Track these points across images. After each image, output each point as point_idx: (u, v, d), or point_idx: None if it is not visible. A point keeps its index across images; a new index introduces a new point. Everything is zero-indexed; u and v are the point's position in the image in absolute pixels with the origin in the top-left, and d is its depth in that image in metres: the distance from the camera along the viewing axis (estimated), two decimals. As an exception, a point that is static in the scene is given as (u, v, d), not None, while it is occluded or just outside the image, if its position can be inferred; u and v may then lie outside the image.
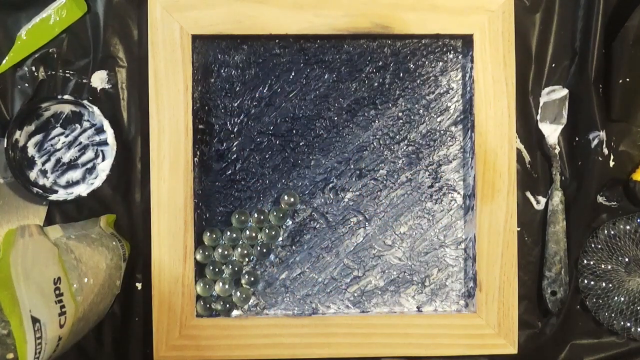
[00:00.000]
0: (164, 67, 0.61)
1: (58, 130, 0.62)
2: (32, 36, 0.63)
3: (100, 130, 0.62)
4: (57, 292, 0.50)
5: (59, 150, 0.62)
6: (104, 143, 0.62)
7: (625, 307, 0.64)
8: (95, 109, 0.61)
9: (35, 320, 0.46)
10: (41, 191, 0.61)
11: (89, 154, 0.62)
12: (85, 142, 0.62)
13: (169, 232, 0.61)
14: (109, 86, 0.64)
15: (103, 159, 0.62)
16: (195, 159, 0.63)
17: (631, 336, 0.65)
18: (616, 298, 0.64)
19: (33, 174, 0.62)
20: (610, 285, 0.64)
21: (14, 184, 0.62)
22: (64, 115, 0.62)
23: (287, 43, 0.64)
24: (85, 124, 0.62)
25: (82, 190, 0.61)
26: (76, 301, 0.52)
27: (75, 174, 0.62)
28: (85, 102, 0.61)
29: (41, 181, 0.62)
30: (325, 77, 0.65)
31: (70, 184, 0.62)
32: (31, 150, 0.62)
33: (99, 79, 0.64)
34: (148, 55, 0.61)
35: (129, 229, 0.64)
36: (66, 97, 0.61)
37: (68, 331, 0.51)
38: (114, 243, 0.60)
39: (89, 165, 0.62)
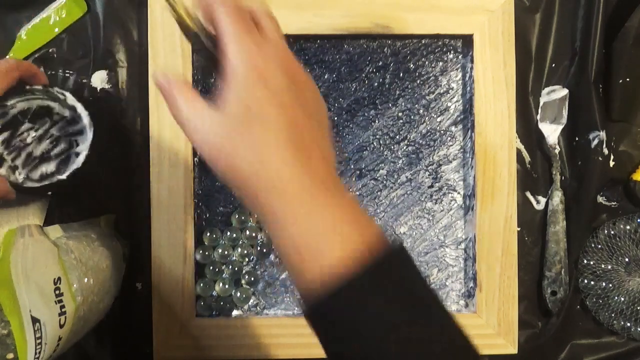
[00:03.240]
0: (164, 67, 0.61)
1: (27, 125, 0.59)
2: (32, 36, 0.63)
3: (72, 121, 0.59)
4: (57, 292, 0.50)
5: (29, 144, 0.59)
6: (78, 133, 0.59)
7: (625, 307, 0.64)
8: (67, 95, 0.57)
9: (35, 320, 0.46)
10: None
11: (62, 145, 0.59)
12: (57, 134, 0.59)
13: (169, 232, 0.61)
14: (109, 86, 0.64)
15: (78, 146, 0.59)
16: (195, 159, 0.63)
17: (631, 336, 0.65)
18: (616, 298, 0.64)
19: (2, 171, 0.58)
20: (610, 285, 0.64)
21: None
22: (32, 111, 0.59)
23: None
24: (56, 117, 0.59)
25: (61, 176, 0.58)
26: (76, 301, 0.52)
27: (49, 167, 0.59)
28: (55, 89, 0.57)
29: (12, 177, 0.58)
30: (325, 77, 0.65)
31: (44, 177, 0.59)
32: None
33: (99, 79, 0.64)
34: (148, 55, 0.61)
35: (129, 229, 0.64)
36: (35, 87, 0.57)
37: (68, 331, 0.51)
38: (114, 243, 0.60)
39: (63, 157, 0.59)
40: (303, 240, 0.36)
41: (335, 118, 0.65)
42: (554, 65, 0.66)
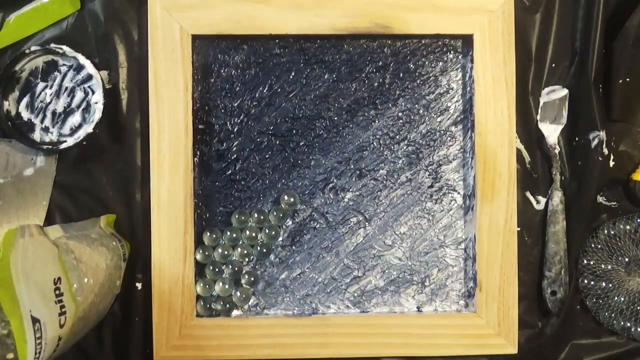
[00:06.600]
0: (164, 67, 0.61)
1: (41, 85, 0.62)
2: (19, 24, 0.62)
3: (78, 68, 0.62)
4: (57, 292, 0.50)
5: (50, 103, 0.62)
6: (88, 78, 0.62)
7: (625, 307, 0.64)
8: (65, 48, 0.61)
9: (35, 320, 0.46)
10: (50, 146, 0.61)
11: (79, 94, 0.62)
12: (70, 85, 0.62)
13: (169, 232, 0.61)
14: (109, 86, 0.64)
15: (93, 94, 0.62)
16: (195, 159, 0.63)
17: (631, 336, 0.65)
18: (616, 298, 0.64)
19: (37, 135, 0.62)
20: (610, 285, 0.64)
21: (14, 184, 0.62)
22: (40, 69, 0.62)
23: (287, 43, 0.64)
24: (63, 69, 0.62)
25: (88, 128, 0.61)
26: (76, 301, 0.52)
27: (75, 119, 0.62)
28: (52, 45, 0.61)
29: (47, 138, 0.62)
30: (325, 77, 0.65)
31: (74, 130, 0.62)
32: (25, 114, 0.62)
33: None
34: (148, 55, 0.61)
35: (129, 229, 0.64)
36: (33, 48, 0.60)
37: (68, 331, 0.51)
38: (114, 243, 0.60)
39: (83, 106, 0.62)
40: None
41: (335, 118, 0.65)
42: (554, 65, 0.66)
